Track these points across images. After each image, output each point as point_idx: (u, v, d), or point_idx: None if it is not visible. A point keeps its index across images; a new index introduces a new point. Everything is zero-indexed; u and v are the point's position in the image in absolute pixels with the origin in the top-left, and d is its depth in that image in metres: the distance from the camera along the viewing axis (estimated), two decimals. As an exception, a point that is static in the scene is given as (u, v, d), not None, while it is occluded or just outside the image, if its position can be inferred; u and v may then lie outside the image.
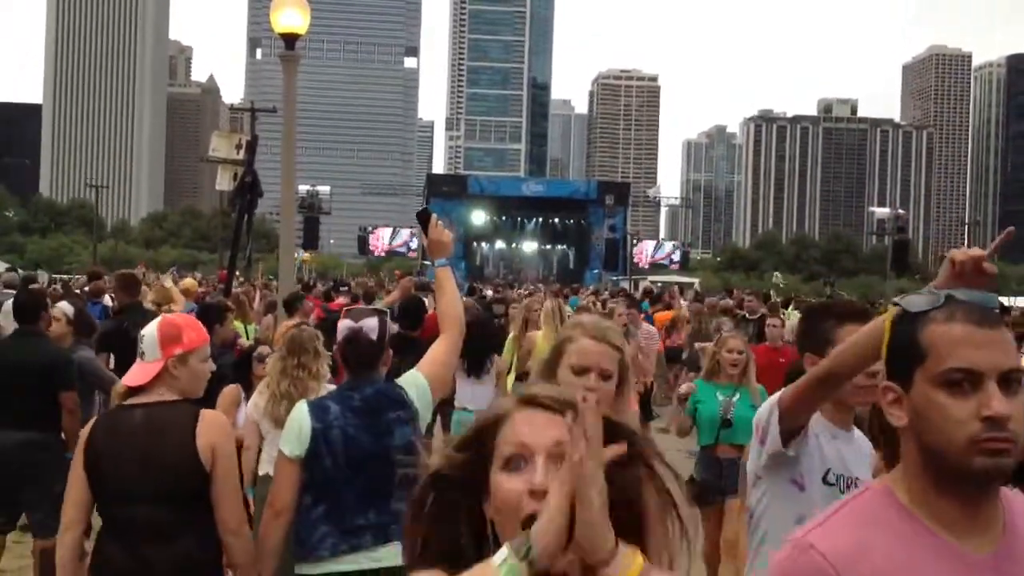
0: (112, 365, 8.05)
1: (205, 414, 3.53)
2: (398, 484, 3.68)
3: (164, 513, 3.38)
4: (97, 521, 3.65)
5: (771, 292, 25.39)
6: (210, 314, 6.97)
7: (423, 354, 4.07)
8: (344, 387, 3.87)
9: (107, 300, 13.16)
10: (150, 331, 3.58)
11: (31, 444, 5.94)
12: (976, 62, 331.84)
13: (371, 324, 3.82)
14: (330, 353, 5.23)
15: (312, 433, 3.63)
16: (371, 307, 4.25)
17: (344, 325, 3.84)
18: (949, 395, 1.57)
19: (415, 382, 3.85)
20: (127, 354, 8.09)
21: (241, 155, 11.52)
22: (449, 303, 4.02)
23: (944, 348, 1.58)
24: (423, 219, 3.88)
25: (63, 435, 6.07)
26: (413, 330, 8.01)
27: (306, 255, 41.33)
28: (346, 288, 11.94)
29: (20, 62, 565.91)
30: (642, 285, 43.39)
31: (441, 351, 3.97)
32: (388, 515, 3.66)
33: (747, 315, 14.49)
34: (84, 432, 3.55)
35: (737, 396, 6.40)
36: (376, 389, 3.79)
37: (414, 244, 69.39)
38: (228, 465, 3.49)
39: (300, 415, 3.71)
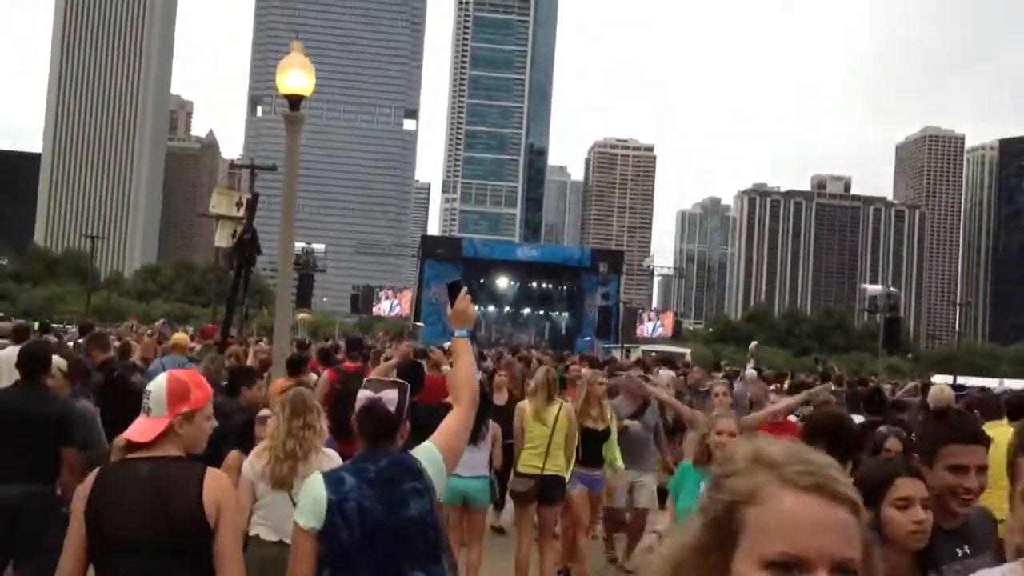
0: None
1: (211, 472, 3.56)
2: (415, 555, 3.65)
3: (165, 567, 3.38)
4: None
5: (755, 363, 25.24)
6: (240, 377, 6.97)
7: (421, 419, 4.05)
8: (359, 458, 3.82)
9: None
10: (158, 387, 3.60)
11: (31, 496, 5.91)
12: (969, 144, 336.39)
13: (391, 396, 3.81)
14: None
15: (328, 505, 3.58)
16: (391, 379, 4.24)
17: (363, 395, 3.81)
18: None
19: (429, 453, 3.83)
20: (122, 403, 8.15)
21: (241, 212, 11.55)
22: (465, 374, 4.07)
23: None
24: (454, 288, 4.00)
25: (60, 489, 6.04)
26: (412, 395, 8.00)
27: (306, 314, 41.25)
28: (356, 352, 11.66)
29: (21, 110, 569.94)
30: (634, 355, 43.34)
31: (454, 422, 3.98)
32: None
33: (698, 387, 13.72)
34: (86, 483, 3.53)
35: None
36: (391, 460, 3.75)
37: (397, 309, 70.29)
38: (232, 523, 3.52)
39: (315, 487, 3.65)
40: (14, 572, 6.15)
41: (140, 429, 3.55)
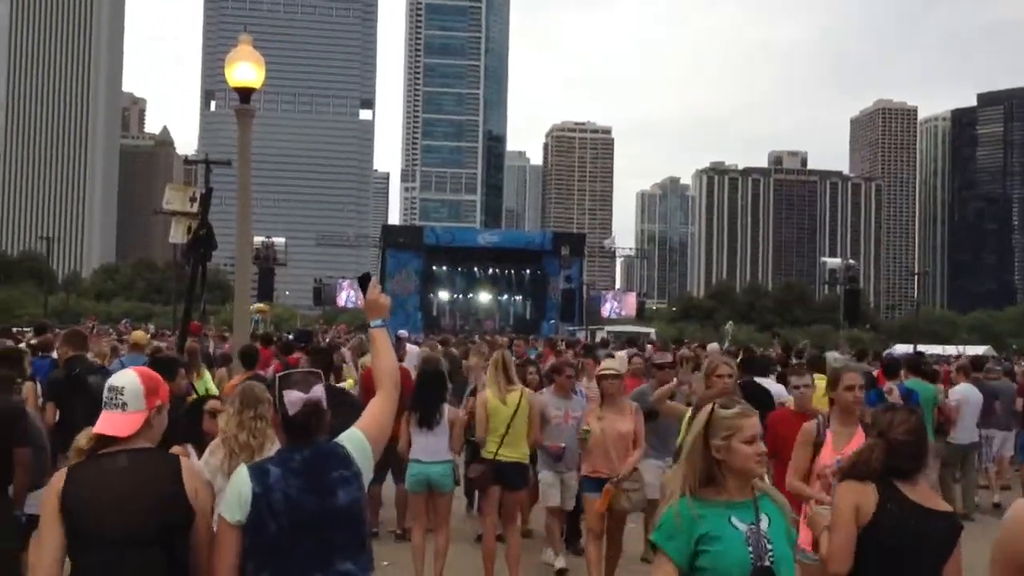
0: (57, 415, 7.99)
1: (185, 461, 3.62)
2: (344, 544, 3.63)
3: (147, 557, 3.37)
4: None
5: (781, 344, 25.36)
6: (162, 368, 6.89)
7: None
8: (284, 449, 3.79)
9: (55, 354, 13.00)
10: (132, 382, 3.60)
11: None
12: (922, 116, 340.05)
13: (320, 393, 3.80)
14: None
15: (253, 498, 3.53)
16: (306, 371, 4.20)
17: (296, 398, 3.74)
18: None
19: (355, 439, 3.81)
20: (73, 402, 8.00)
21: (195, 208, 11.47)
22: (384, 363, 4.11)
23: None
24: (364, 281, 4.08)
25: (11, 492, 5.87)
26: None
27: (262, 305, 40.90)
28: (304, 345, 11.64)
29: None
30: (599, 335, 43.55)
31: (378, 408, 4.00)
32: None
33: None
34: (58, 479, 3.48)
35: (766, 521, 3.48)
36: (316, 449, 3.72)
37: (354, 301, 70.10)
38: (208, 509, 3.55)
39: (240, 479, 3.61)
40: None
41: (116, 424, 3.53)
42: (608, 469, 7.98)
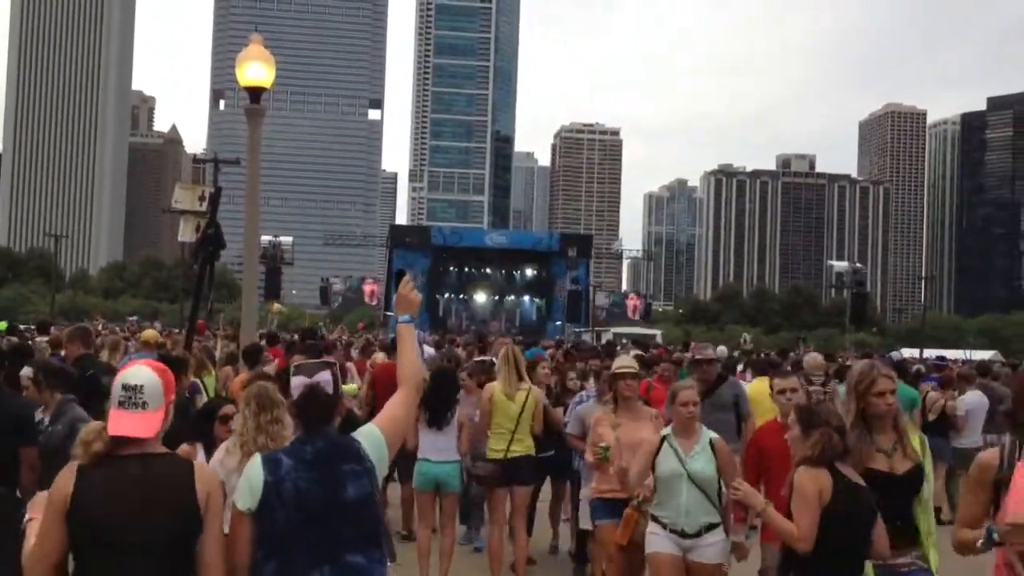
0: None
1: (198, 465, 3.56)
2: (354, 538, 3.65)
3: (164, 565, 3.33)
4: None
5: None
6: (172, 366, 6.87)
7: None
8: (297, 440, 3.84)
9: (63, 352, 13.03)
10: (151, 379, 3.45)
11: None
12: (931, 119, 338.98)
13: (325, 378, 3.83)
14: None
15: (264, 487, 3.59)
16: (321, 360, 4.23)
17: (298, 381, 3.81)
18: None
19: (371, 435, 3.84)
20: (88, 403, 7.92)
21: (204, 207, 11.48)
22: (407, 359, 4.13)
23: None
24: (399, 276, 4.14)
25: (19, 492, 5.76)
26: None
27: (279, 306, 40.76)
28: (314, 341, 11.76)
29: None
30: (605, 337, 43.54)
31: (397, 405, 4.02)
32: (340, 569, 3.60)
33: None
34: (64, 482, 3.36)
35: None
36: (329, 442, 3.75)
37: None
38: (219, 512, 3.48)
39: (253, 469, 3.68)
40: None
41: (138, 425, 3.39)
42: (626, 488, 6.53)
